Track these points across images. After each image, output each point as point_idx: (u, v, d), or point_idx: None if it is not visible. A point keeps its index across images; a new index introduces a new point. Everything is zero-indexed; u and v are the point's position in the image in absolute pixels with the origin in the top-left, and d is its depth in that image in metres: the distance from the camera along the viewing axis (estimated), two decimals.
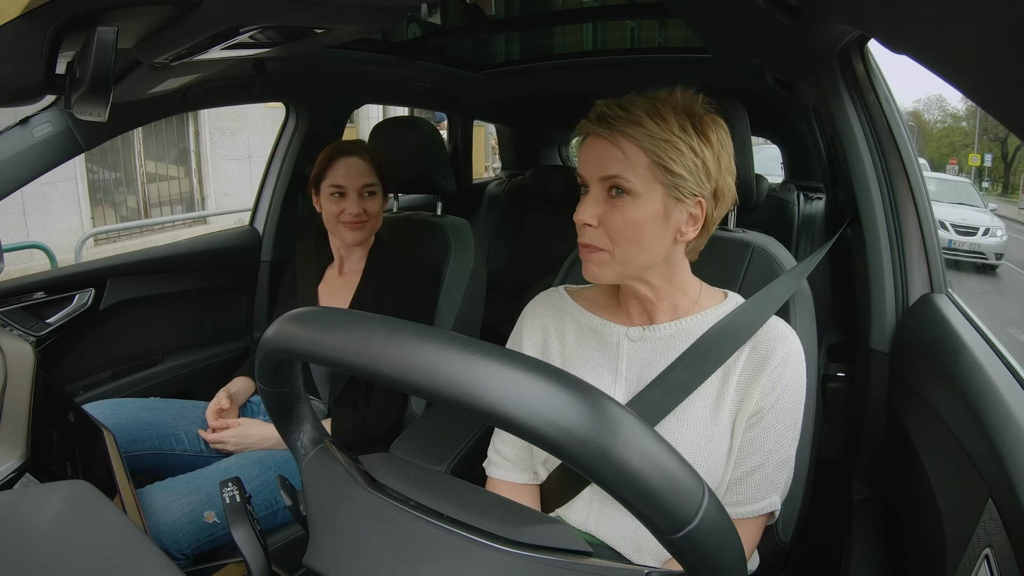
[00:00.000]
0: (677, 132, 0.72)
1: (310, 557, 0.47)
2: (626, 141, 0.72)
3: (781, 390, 0.75)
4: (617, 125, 0.72)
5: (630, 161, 0.72)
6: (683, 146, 0.72)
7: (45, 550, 0.46)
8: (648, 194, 0.73)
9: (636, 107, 0.73)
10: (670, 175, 0.72)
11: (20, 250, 4.41)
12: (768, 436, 0.75)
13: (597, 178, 0.74)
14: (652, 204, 0.73)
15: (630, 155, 0.72)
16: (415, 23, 1.80)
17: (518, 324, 0.92)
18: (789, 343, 0.78)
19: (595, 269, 0.77)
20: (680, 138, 0.72)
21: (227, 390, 1.32)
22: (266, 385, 0.52)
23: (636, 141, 0.72)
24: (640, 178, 0.72)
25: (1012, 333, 5.59)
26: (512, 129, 3.08)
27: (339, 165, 1.31)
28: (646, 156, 0.72)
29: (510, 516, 0.47)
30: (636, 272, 0.78)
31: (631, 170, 0.72)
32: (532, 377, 0.34)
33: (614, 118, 0.73)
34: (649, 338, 0.81)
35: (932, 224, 1.07)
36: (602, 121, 0.73)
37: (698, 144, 0.73)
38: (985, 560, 0.57)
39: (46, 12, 0.70)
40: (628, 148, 0.72)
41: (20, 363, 0.93)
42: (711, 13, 1.15)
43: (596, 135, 0.74)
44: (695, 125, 0.73)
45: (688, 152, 0.72)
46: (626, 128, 0.72)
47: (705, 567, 0.36)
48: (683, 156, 0.72)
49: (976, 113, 21.95)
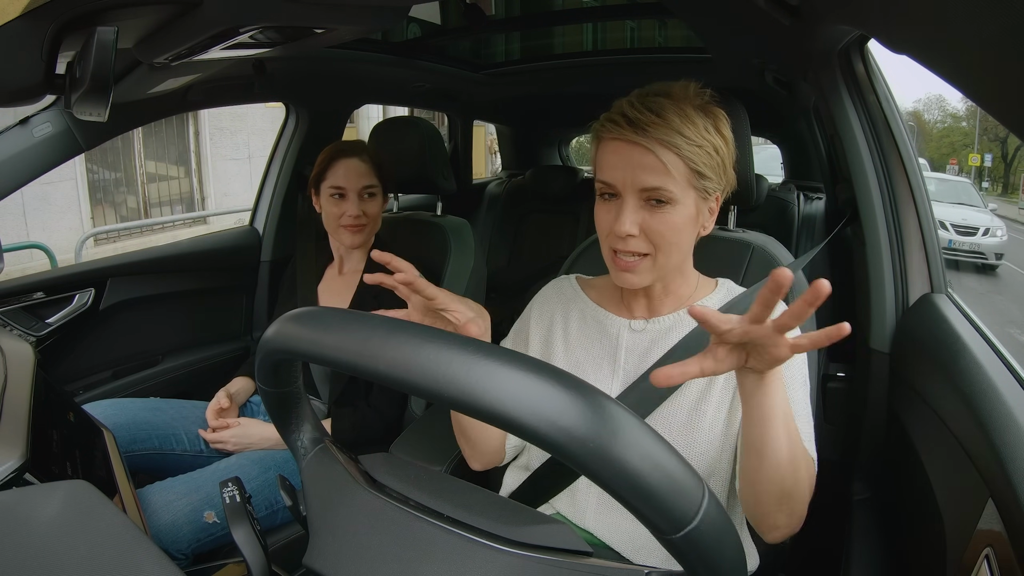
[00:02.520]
0: (704, 135, 0.71)
1: (310, 557, 0.47)
2: (665, 149, 0.70)
3: None
4: (653, 131, 0.69)
5: (670, 170, 0.70)
6: (710, 148, 0.72)
7: (45, 550, 0.46)
8: (685, 200, 0.72)
9: (666, 110, 0.70)
10: (702, 179, 0.72)
11: (20, 250, 4.41)
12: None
13: (636, 188, 0.72)
14: (688, 208, 0.73)
15: (670, 164, 0.70)
16: (415, 23, 1.80)
17: (528, 309, 0.93)
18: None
19: (635, 278, 0.76)
20: (708, 140, 0.71)
21: (227, 390, 1.32)
22: (266, 385, 0.52)
23: (675, 149, 0.70)
24: (679, 186, 0.71)
25: (1012, 333, 5.59)
26: (512, 129, 3.08)
27: (339, 166, 1.31)
28: (684, 163, 0.71)
29: (510, 516, 0.47)
30: (671, 271, 0.78)
31: (672, 180, 0.71)
32: (532, 377, 0.34)
33: (648, 123, 0.69)
34: (650, 330, 0.82)
35: (932, 224, 1.07)
36: (635, 126, 0.70)
37: (720, 142, 0.73)
38: (985, 560, 0.57)
39: (46, 12, 0.70)
40: (667, 157, 0.70)
41: (20, 363, 0.93)
42: (711, 13, 1.15)
43: (628, 141, 0.71)
44: (713, 123, 0.73)
45: (714, 153, 0.72)
46: (663, 135, 0.69)
47: (705, 567, 0.36)
48: (711, 158, 0.72)
49: (976, 113, 21.95)
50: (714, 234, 0.99)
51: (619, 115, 0.72)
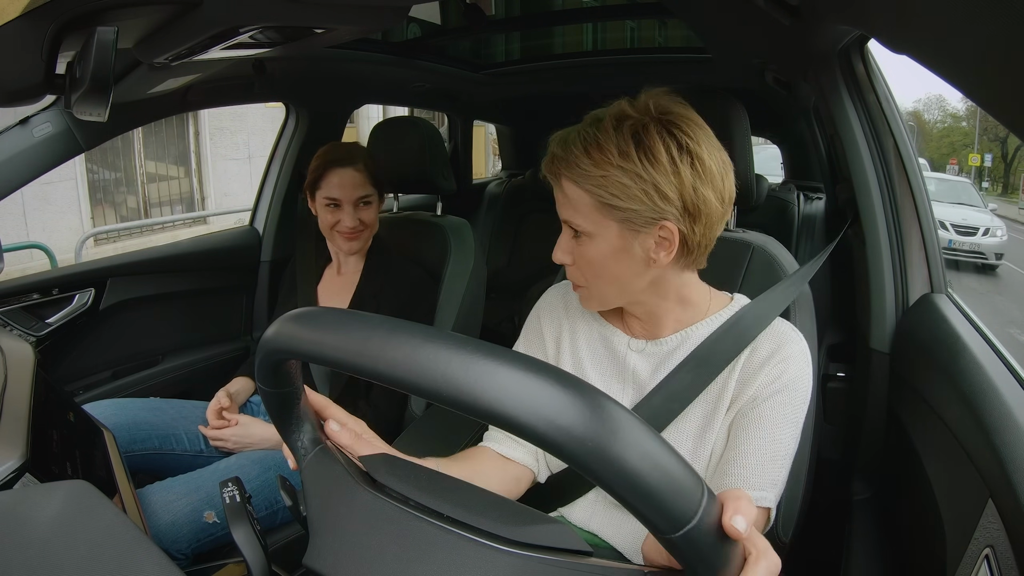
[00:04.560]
0: (617, 162, 0.66)
1: (310, 557, 0.47)
2: (567, 183, 0.70)
3: (783, 383, 0.72)
4: (558, 167, 0.71)
5: (574, 203, 0.70)
6: (624, 177, 0.66)
7: (45, 550, 0.46)
8: (602, 231, 0.70)
9: (575, 143, 0.69)
10: (617, 210, 0.68)
11: (20, 250, 4.41)
12: (763, 424, 0.70)
13: (563, 219, 0.74)
14: (607, 240, 0.70)
15: (573, 197, 0.70)
16: (415, 23, 1.80)
17: (535, 316, 0.91)
18: (795, 342, 0.75)
19: (584, 302, 0.79)
20: (621, 168, 0.66)
21: (227, 390, 1.32)
22: (266, 385, 0.52)
23: (575, 182, 0.69)
24: (588, 218, 0.70)
25: (1012, 333, 5.59)
26: (512, 129, 3.08)
27: (332, 176, 1.28)
28: (588, 196, 0.69)
29: (510, 516, 0.47)
30: (618, 301, 0.78)
31: (577, 213, 0.71)
32: (531, 377, 0.34)
33: (555, 159, 0.71)
34: (651, 352, 0.80)
35: (932, 224, 1.07)
36: (550, 162, 0.72)
37: (643, 168, 0.66)
38: (985, 560, 0.57)
39: (46, 12, 0.70)
40: (570, 190, 0.70)
41: (20, 363, 0.93)
42: (711, 13, 1.15)
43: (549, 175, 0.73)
44: (640, 145, 0.66)
45: (633, 181, 0.66)
46: (564, 170, 0.70)
47: (705, 567, 0.36)
48: (627, 188, 0.66)
49: (976, 113, 21.95)
50: None
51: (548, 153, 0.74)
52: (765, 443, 0.70)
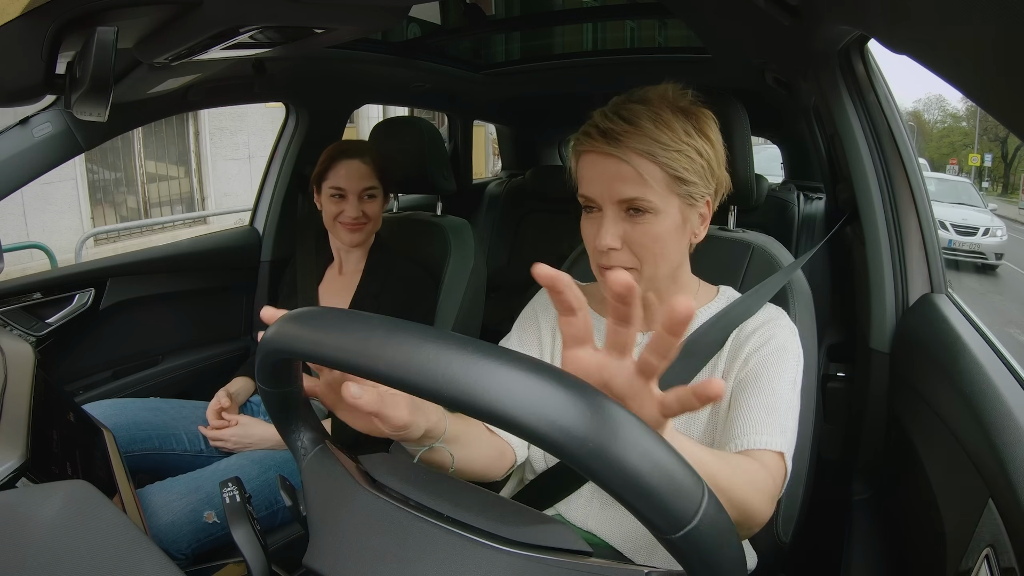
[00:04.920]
0: (684, 138, 0.69)
1: (310, 557, 0.47)
2: (639, 158, 0.68)
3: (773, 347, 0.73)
4: (626, 140, 0.68)
5: (646, 179, 0.68)
6: (691, 152, 0.69)
7: (45, 550, 0.46)
8: (667, 208, 0.70)
9: (640, 117, 0.68)
10: (684, 184, 0.70)
11: (20, 250, 4.41)
12: (760, 380, 0.71)
13: (614, 200, 0.70)
14: (671, 217, 0.71)
15: (646, 173, 0.68)
16: (415, 23, 1.80)
17: (531, 309, 0.91)
18: (781, 316, 0.78)
19: None
20: (688, 144, 0.69)
21: (227, 390, 1.32)
22: (266, 385, 0.52)
23: (650, 156, 0.68)
24: (658, 195, 0.69)
25: (1012, 333, 5.60)
26: (512, 129, 3.08)
27: (340, 167, 1.31)
28: (661, 171, 0.69)
29: (510, 516, 0.47)
30: (660, 281, 0.76)
31: (649, 189, 0.69)
32: (531, 377, 0.34)
33: (620, 133, 0.68)
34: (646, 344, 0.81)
35: (932, 224, 1.07)
36: (608, 137, 0.68)
37: (702, 145, 0.70)
38: (985, 560, 0.57)
39: (46, 12, 0.70)
40: (642, 165, 0.68)
41: (20, 363, 0.93)
42: (711, 13, 1.15)
43: (602, 153, 0.70)
44: (695, 125, 0.70)
45: (696, 156, 0.70)
46: (637, 143, 0.67)
47: (705, 567, 0.36)
48: (693, 162, 0.70)
49: (976, 113, 21.95)
50: (714, 234, 0.99)
51: (592, 127, 0.71)
52: (764, 396, 0.71)
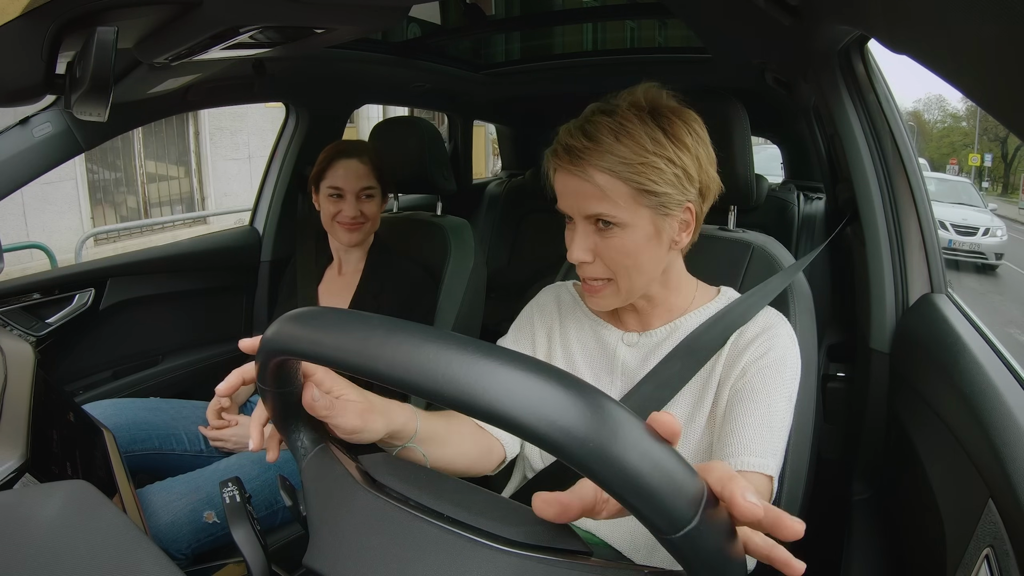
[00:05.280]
0: (651, 148, 0.67)
1: (310, 557, 0.47)
2: (600, 174, 0.68)
3: (772, 359, 0.72)
4: (588, 158, 0.67)
5: (609, 194, 0.68)
6: (660, 162, 0.67)
7: (45, 550, 0.46)
8: (636, 220, 0.70)
9: (601, 131, 0.67)
10: (654, 196, 0.69)
11: (20, 250, 4.41)
12: (757, 394, 0.71)
13: (582, 215, 0.71)
14: (642, 228, 0.70)
15: (608, 188, 0.68)
16: (415, 23, 1.80)
17: (528, 312, 0.91)
18: (781, 324, 0.77)
19: (602, 302, 0.76)
20: (655, 154, 0.67)
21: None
22: (266, 385, 0.52)
23: (611, 172, 0.67)
24: (624, 208, 0.69)
25: (1012, 333, 5.59)
26: (512, 129, 3.08)
27: (338, 167, 1.31)
28: (625, 185, 0.68)
29: (510, 516, 0.47)
30: (640, 292, 0.77)
31: (612, 204, 0.68)
32: (531, 377, 0.34)
33: (581, 150, 0.68)
34: (643, 344, 0.82)
35: (932, 224, 1.07)
36: (571, 155, 0.69)
37: (673, 152, 0.68)
38: (985, 560, 0.57)
39: (46, 12, 0.70)
40: (604, 181, 0.68)
41: (20, 363, 0.93)
42: (711, 13, 1.15)
43: (566, 171, 0.70)
44: (665, 131, 0.68)
45: (667, 166, 0.68)
46: (598, 160, 0.67)
47: (705, 567, 0.36)
48: (663, 173, 0.68)
49: (976, 113, 21.95)
50: (714, 234, 0.99)
51: (559, 144, 0.71)
52: (760, 412, 0.70)
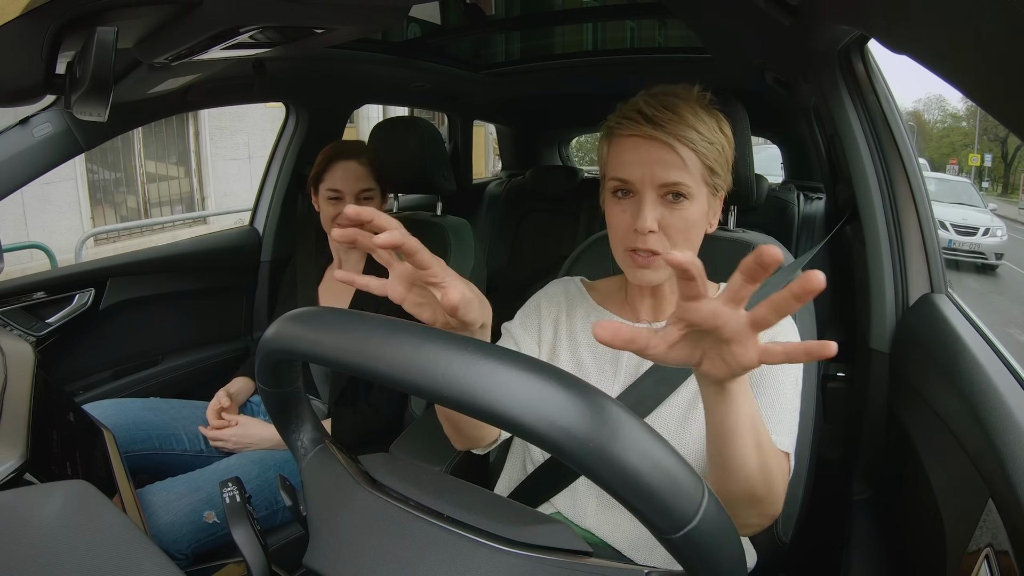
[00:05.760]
0: (714, 132, 0.73)
1: (310, 557, 0.47)
2: (682, 145, 0.71)
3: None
4: (671, 127, 0.70)
5: (688, 166, 0.72)
6: (720, 145, 0.74)
7: (45, 550, 0.46)
8: (699, 195, 0.74)
9: (680, 108, 0.71)
10: (713, 175, 0.74)
11: (20, 250, 4.41)
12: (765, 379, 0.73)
13: (655, 184, 0.72)
14: (702, 204, 0.74)
15: (688, 159, 0.71)
16: (415, 23, 1.80)
17: (535, 301, 0.91)
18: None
19: (654, 275, 0.76)
20: (717, 138, 0.73)
21: (227, 390, 1.32)
22: (266, 385, 0.52)
23: (692, 145, 0.71)
24: (695, 181, 0.73)
25: (1012, 333, 5.59)
26: (512, 129, 3.08)
27: (336, 168, 1.31)
28: (699, 159, 0.72)
29: (510, 516, 0.47)
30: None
31: (689, 175, 0.72)
32: (531, 377, 0.34)
33: (666, 120, 0.70)
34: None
35: (932, 224, 1.07)
36: (653, 122, 0.71)
37: (725, 141, 0.75)
38: (985, 560, 0.57)
39: (46, 12, 0.70)
40: (685, 152, 0.71)
41: (20, 363, 0.93)
42: (711, 13, 1.15)
43: (646, 137, 0.72)
44: (718, 123, 0.74)
45: (723, 151, 0.74)
46: (682, 131, 0.70)
47: (705, 567, 0.36)
48: (720, 155, 0.74)
49: (976, 113, 21.94)
50: (714, 234, 0.99)
51: (635, 112, 0.72)
52: (770, 395, 0.72)
